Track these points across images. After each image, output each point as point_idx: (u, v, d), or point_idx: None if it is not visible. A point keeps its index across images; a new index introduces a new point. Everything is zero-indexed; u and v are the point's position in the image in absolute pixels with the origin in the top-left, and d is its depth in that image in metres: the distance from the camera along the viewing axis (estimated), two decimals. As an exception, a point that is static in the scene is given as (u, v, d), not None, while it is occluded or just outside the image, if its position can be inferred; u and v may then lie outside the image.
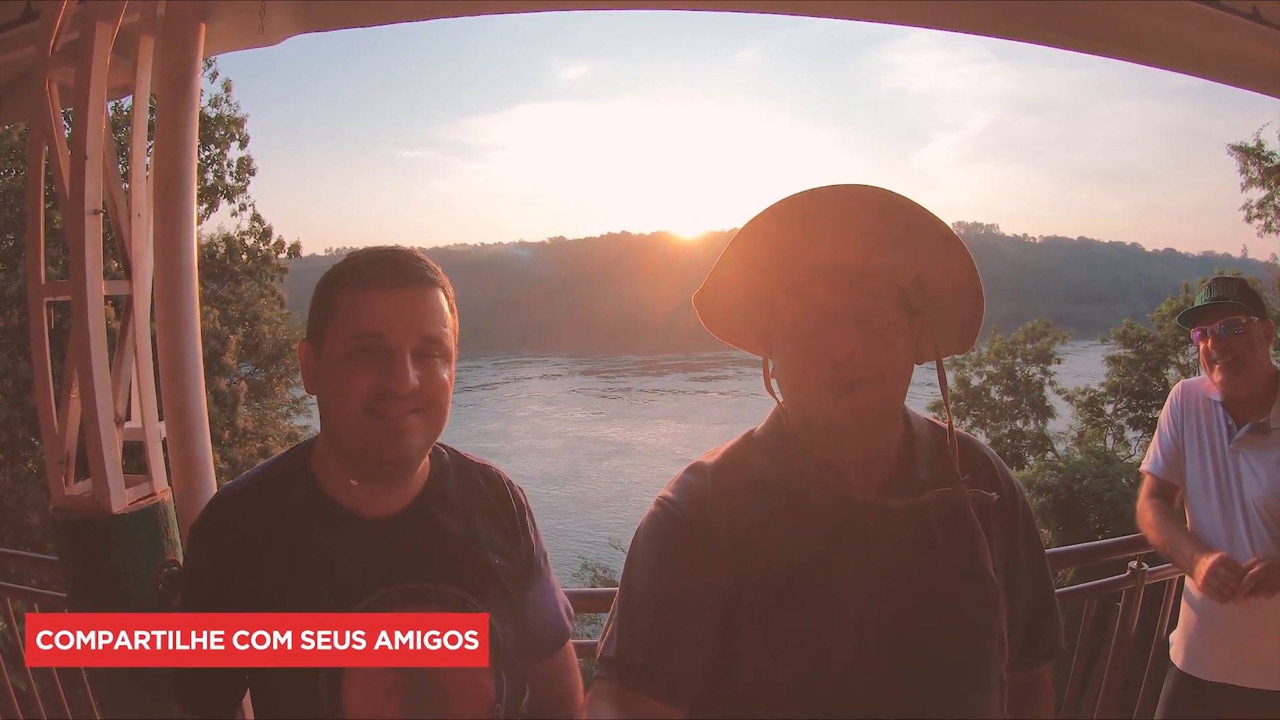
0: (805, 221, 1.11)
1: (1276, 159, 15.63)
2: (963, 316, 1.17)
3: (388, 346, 1.17)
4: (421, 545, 1.26)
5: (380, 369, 1.17)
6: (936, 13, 2.80)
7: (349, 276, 1.22)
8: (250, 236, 15.94)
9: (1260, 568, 2.02)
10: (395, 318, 1.18)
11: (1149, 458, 2.43)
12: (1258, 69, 2.79)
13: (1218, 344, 2.22)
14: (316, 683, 1.17)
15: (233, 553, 1.23)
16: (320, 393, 1.22)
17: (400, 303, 1.19)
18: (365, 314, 1.18)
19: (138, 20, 2.33)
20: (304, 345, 1.26)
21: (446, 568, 1.26)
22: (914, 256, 1.12)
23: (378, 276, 1.20)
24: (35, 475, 11.43)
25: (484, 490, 1.37)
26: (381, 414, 1.17)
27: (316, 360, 1.22)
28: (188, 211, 2.36)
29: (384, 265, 1.22)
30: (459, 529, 1.30)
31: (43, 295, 2.26)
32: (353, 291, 1.20)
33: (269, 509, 1.25)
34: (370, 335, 1.17)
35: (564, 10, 2.81)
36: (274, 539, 1.22)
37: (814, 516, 1.14)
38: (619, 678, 1.14)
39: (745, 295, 1.21)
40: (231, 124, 15.17)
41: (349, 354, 1.18)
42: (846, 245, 1.11)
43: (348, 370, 1.17)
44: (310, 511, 1.24)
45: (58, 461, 2.28)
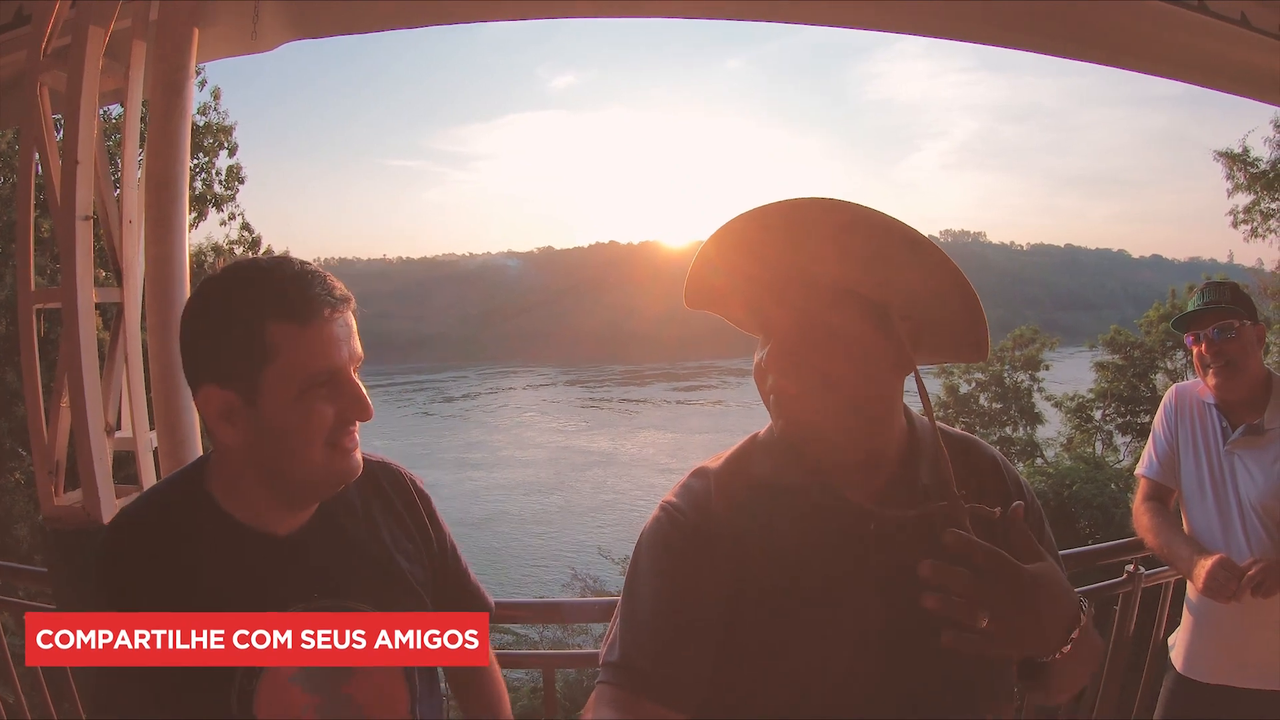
0: (784, 231, 1.11)
1: (1262, 165, 15.81)
2: (957, 320, 1.16)
3: (342, 378, 1.12)
4: (328, 559, 1.21)
5: (339, 402, 1.11)
6: (926, 20, 2.82)
7: (278, 309, 1.08)
8: (239, 246, 15.89)
9: (1259, 568, 2.02)
10: (339, 345, 1.11)
11: (1144, 461, 2.44)
12: (1245, 74, 2.83)
13: (1211, 348, 2.23)
14: (230, 705, 1.14)
15: (139, 580, 1.15)
16: (260, 441, 1.11)
17: (340, 330, 1.12)
18: (313, 352, 1.09)
19: (130, 25, 2.33)
20: (212, 393, 1.10)
21: (355, 580, 1.22)
22: (881, 265, 1.10)
23: (313, 306, 1.09)
24: (22, 486, 11.30)
25: (385, 489, 1.32)
26: (341, 445, 1.13)
27: (243, 405, 1.10)
28: (179, 217, 2.35)
29: (311, 290, 1.10)
30: (363, 534, 1.26)
31: (32, 302, 2.24)
32: (289, 328, 1.08)
33: (170, 533, 1.17)
34: (325, 372, 1.10)
35: (553, 19, 2.82)
36: (179, 563, 1.15)
37: (815, 521, 1.14)
38: (622, 682, 1.13)
39: (739, 296, 1.22)
40: (220, 132, 15.12)
41: (302, 396, 1.09)
42: (820, 256, 1.11)
43: (303, 411, 1.09)
44: (213, 533, 1.17)
45: (47, 471, 2.26)
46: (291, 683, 1.17)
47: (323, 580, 1.20)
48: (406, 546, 1.30)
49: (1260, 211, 16.30)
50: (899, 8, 2.79)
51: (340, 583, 1.21)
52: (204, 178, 14.94)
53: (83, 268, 2.16)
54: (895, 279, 1.10)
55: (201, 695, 1.18)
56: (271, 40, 2.57)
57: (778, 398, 1.14)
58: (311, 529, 1.22)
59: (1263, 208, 16.24)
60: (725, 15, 2.96)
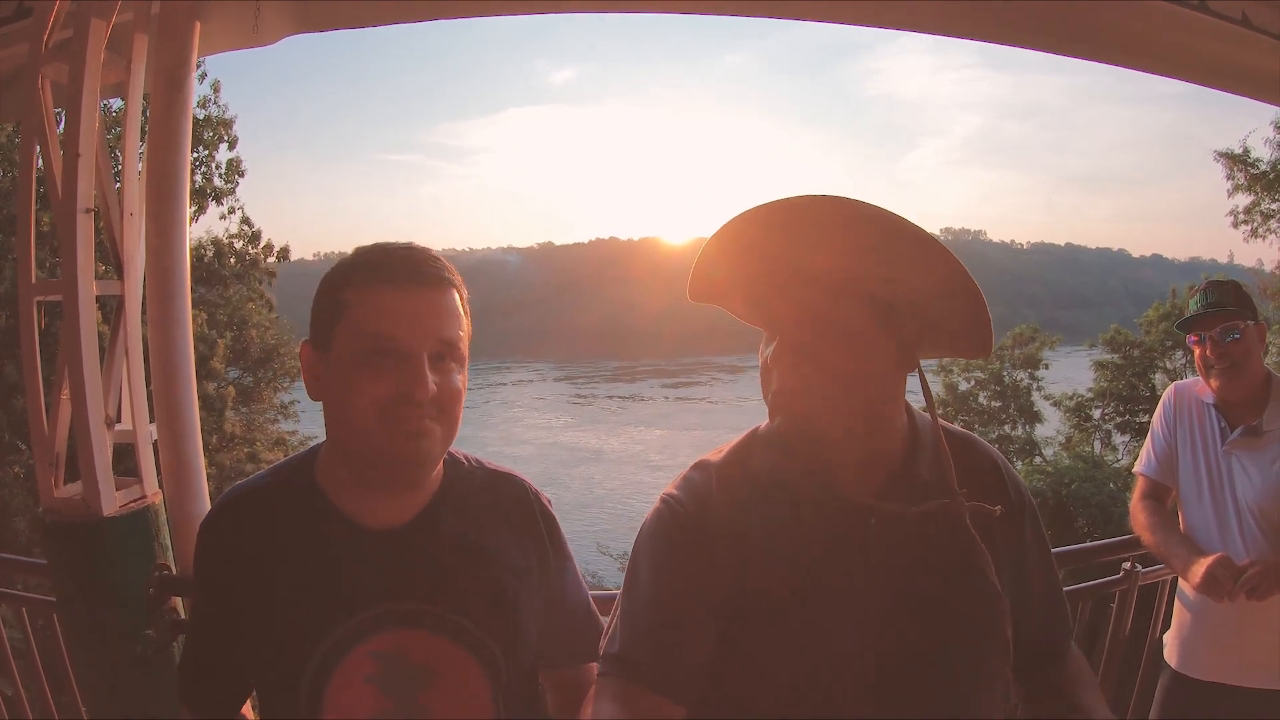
0: (786, 229, 1.11)
1: (1262, 165, 15.79)
2: (961, 317, 1.16)
3: (403, 350, 1.10)
4: (424, 562, 1.18)
5: (397, 374, 1.10)
6: (928, 17, 2.82)
7: (358, 274, 1.13)
8: (239, 240, 15.87)
9: (1255, 570, 2.02)
10: (411, 319, 1.11)
11: (1142, 459, 2.44)
12: (1247, 74, 2.83)
13: (1216, 350, 2.21)
14: (298, 694, 1.14)
15: (237, 557, 1.18)
16: (327, 398, 1.15)
17: (416, 304, 1.12)
18: (379, 314, 1.10)
19: (132, 18, 2.33)
20: (305, 348, 1.17)
21: (448, 588, 1.18)
22: (884, 261, 1.11)
23: (391, 275, 1.12)
24: (22, 479, 11.30)
25: (502, 500, 1.28)
26: (397, 420, 1.10)
27: (322, 364, 1.14)
28: (180, 211, 2.35)
29: (397, 263, 1.13)
30: (468, 542, 1.22)
31: (33, 294, 2.24)
32: (363, 290, 1.12)
33: (272, 516, 1.19)
34: (385, 337, 1.10)
35: (554, 12, 2.81)
36: (276, 547, 1.17)
37: (816, 516, 1.14)
38: (622, 674, 1.14)
39: (742, 293, 1.22)
40: (220, 125, 15.08)
41: (361, 357, 1.10)
42: (822, 252, 1.11)
43: (360, 374, 1.10)
44: (313, 521, 1.18)
45: (47, 463, 2.26)
46: (366, 683, 1.15)
47: (413, 583, 1.18)
48: (516, 563, 1.25)
49: (1261, 212, 16.29)
50: (901, 5, 2.78)
51: (430, 589, 1.18)
52: (204, 171, 14.93)
53: (84, 260, 2.16)
54: (901, 275, 1.11)
55: (269, 686, 1.20)
56: (272, 34, 2.56)
57: (781, 393, 1.14)
58: (411, 529, 1.20)
59: (1263, 208, 16.23)
60: (726, 11, 2.95)
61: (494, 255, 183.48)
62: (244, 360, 16.40)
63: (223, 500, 1.24)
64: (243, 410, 16.12)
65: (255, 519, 1.20)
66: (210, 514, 1.25)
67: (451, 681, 1.18)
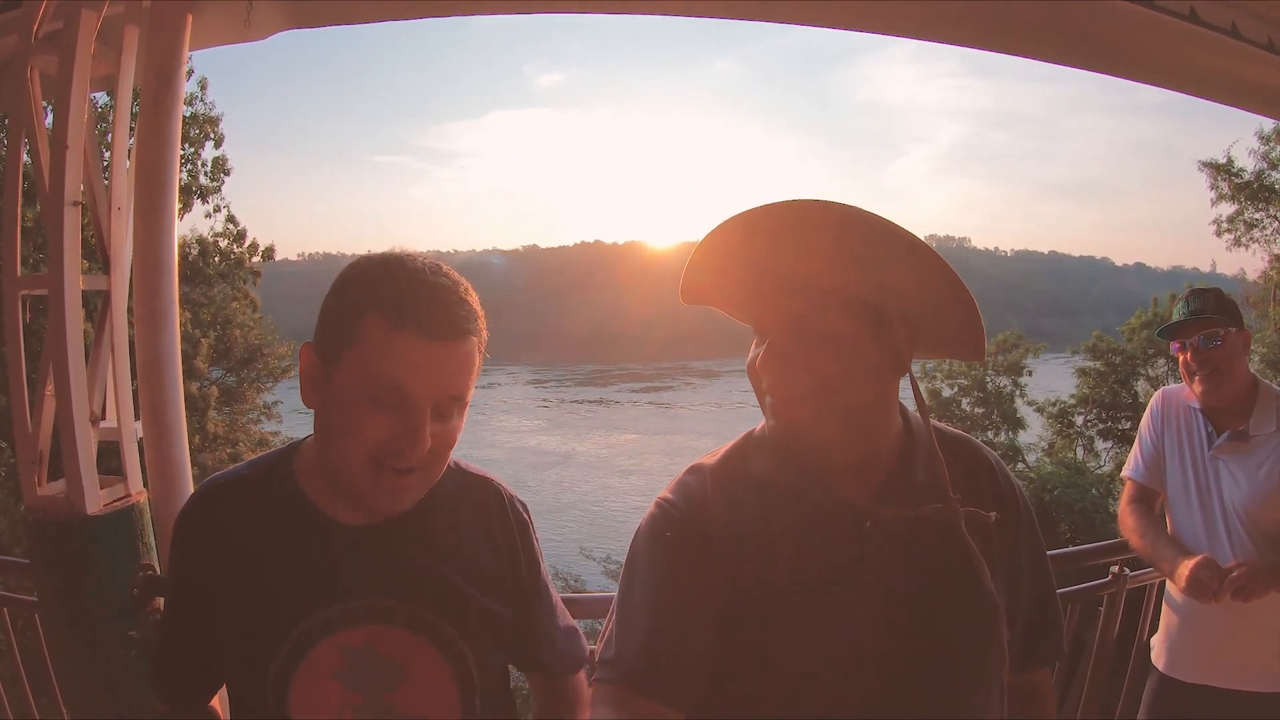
0: (774, 234, 1.11)
1: (1246, 175, 16.02)
2: (952, 321, 1.16)
3: (408, 400, 1.07)
4: (399, 559, 1.18)
5: (396, 424, 1.07)
6: (913, 22, 2.83)
7: (384, 304, 1.07)
8: (224, 239, 15.77)
9: (1240, 572, 2.04)
10: (424, 372, 1.07)
11: (1130, 463, 2.45)
12: (1235, 84, 2.86)
13: (1197, 356, 2.24)
14: (264, 686, 1.13)
15: (212, 546, 1.18)
16: (321, 414, 1.12)
17: (431, 357, 1.07)
18: (392, 360, 1.06)
19: (123, 10, 2.30)
20: (308, 351, 1.13)
21: (422, 586, 1.19)
22: (874, 267, 1.10)
23: (418, 322, 1.06)
24: (2, 479, 11.16)
25: (479, 505, 1.28)
26: (387, 468, 1.09)
27: (322, 377, 1.11)
28: (169, 206, 2.32)
29: (424, 307, 1.07)
30: (443, 543, 1.22)
31: (18, 288, 2.21)
32: (380, 325, 1.06)
33: (249, 507, 1.19)
34: (393, 387, 1.06)
35: (544, 12, 2.80)
36: (251, 538, 1.17)
37: (811, 519, 1.14)
38: (619, 680, 1.13)
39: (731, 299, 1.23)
40: (206, 122, 14.99)
41: (365, 392, 1.07)
42: (811, 258, 1.11)
43: (359, 411, 1.07)
44: (289, 514, 1.18)
45: (30, 461, 2.23)
46: (334, 679, 1.15)
47: (387, 579, 1.17)
48: (491, 565, 1.25)
49: (1244, 221, 16.55)
50: (887, 8, 2.79)
51: (404, 585, 1.18)
52: (189, 169, 14.83)
53: (71, 254, 2.13)
54: (891, 281, 1.10)
55: (237, 677, 1.19)
56: (264, 29, 2.54)
57: (772, 400, 1.14)
58: (387, 525, 1.18)
59: (1246, 217, 16.48)
60: (712, 14, 2.96)
61: (479, 258, 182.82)
62: (227, 360, 16.31)
63: (201, 490, 1.24)
64: (226, 410, 16.02)
65: (231, 509, 1.19)
66: (188, 503, 1.23)
67: (421, 679, 1.18)
